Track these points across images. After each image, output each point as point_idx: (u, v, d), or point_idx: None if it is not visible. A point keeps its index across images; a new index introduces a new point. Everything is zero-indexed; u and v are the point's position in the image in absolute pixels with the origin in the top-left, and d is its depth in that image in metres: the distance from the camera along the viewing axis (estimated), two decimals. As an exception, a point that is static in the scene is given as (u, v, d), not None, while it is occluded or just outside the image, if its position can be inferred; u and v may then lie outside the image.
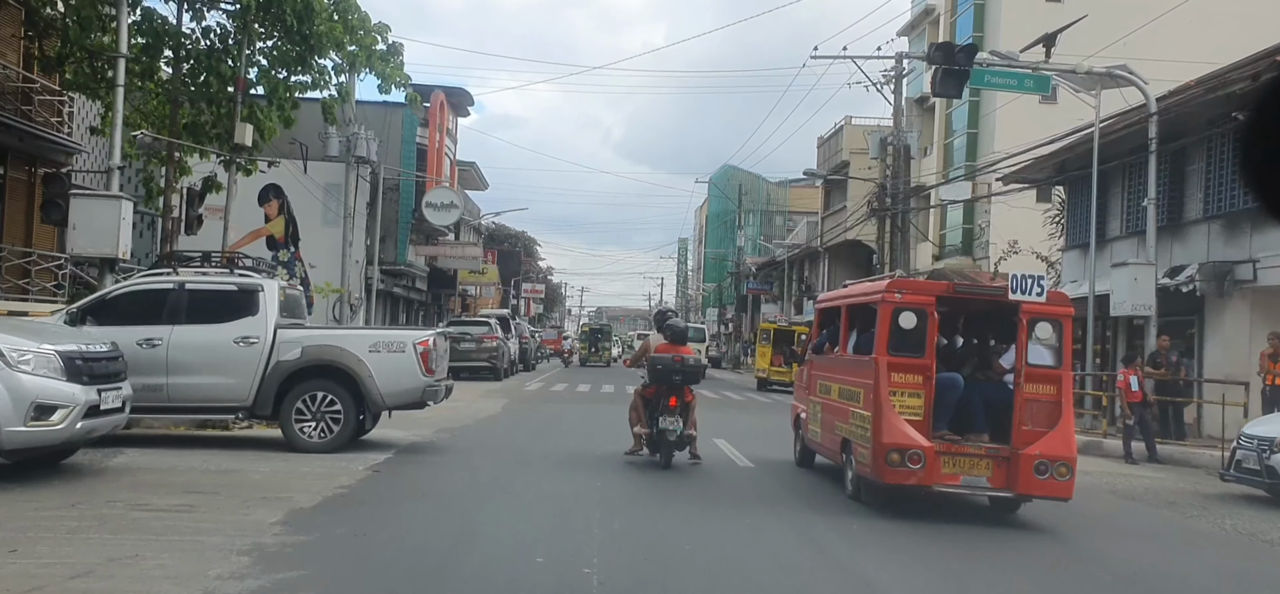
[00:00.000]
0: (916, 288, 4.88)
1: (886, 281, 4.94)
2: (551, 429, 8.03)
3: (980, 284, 5.17)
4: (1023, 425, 5.02)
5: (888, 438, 4.99)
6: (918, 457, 4.93)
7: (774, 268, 38.12)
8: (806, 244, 31.19)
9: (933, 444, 4.98)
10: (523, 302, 48.58)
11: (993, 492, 5.02)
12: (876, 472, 5.04)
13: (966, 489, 5.06)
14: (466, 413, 8.85)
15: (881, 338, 4.96)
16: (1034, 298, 4.97)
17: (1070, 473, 4.96)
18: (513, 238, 51.37)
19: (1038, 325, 5.02)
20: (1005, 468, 5.00)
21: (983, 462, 5.06)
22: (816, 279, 32.21)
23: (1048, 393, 5.09)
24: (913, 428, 5.01)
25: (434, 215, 21.10)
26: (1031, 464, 4.94)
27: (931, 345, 4.92)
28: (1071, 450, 4.98)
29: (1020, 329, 4.99)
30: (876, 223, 17.05)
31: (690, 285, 74.01)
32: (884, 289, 4.70)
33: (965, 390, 5.07)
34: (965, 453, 5.06)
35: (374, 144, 18.30)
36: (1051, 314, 5.02)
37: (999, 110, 16.24)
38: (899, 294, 4.87)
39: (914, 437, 4.98)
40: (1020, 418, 5.02)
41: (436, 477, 5.40)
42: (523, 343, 23.59)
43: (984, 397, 5.07)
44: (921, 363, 5.00)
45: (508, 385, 15.04)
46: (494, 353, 16.28)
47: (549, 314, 66.15)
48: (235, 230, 22.44)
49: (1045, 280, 4.58)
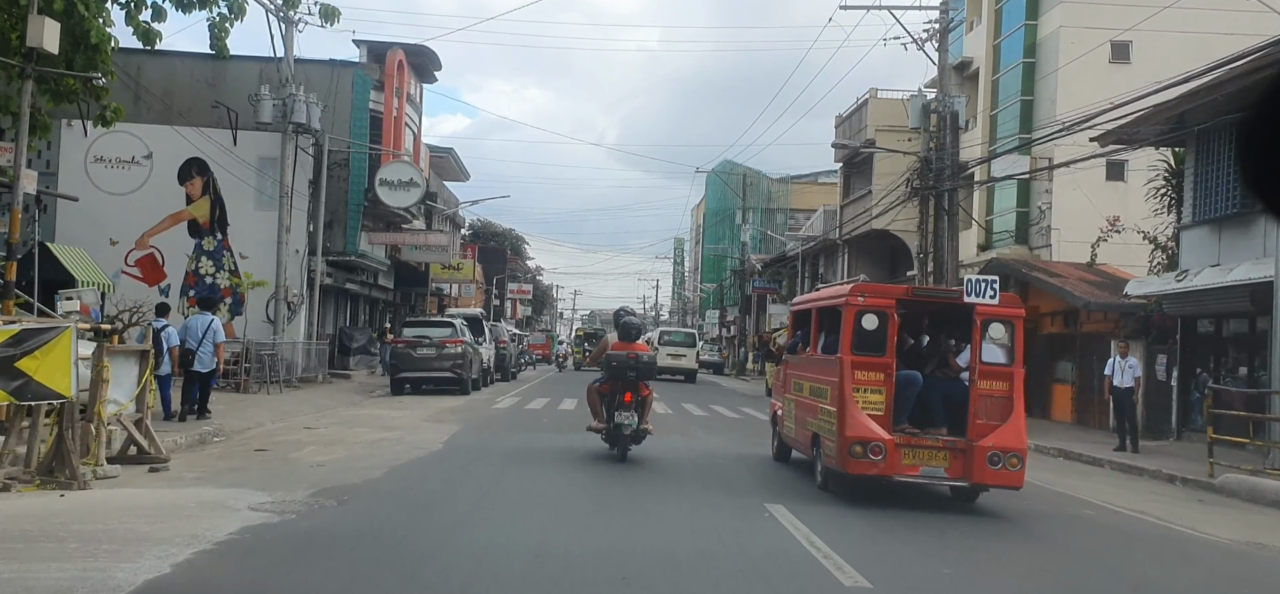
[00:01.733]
0: (878, 291, 6.97)
1: (850, 286, 7.09)
2: (502, 489, 6.79)
3: (938, 288, 7.77)
4: (977, 419, 6.94)
5: (851, 431, 6.92)
6: (879, 449, 6.83)
7: (783, 264, 41.80)
8: (823, 236, 34.15)
9: (893, 437, 6.88)
10: (509, 302, 52.33)
11: (949, 481, 6.97)
12: (841, 463, 6.96)
13: (925, 479, 6.97)
14: (387, 451, 8.18)
15: (846, 338, 6.82)
16: (987, 300, 6.87)
17: (1021, 463, 6.88)
18: (500, 235, 55.15)
19: (991, 326, 6.89)
20: (961, 459, 6.93)
21: (940, 453, 6.98)
22: (834, 275, 35.03)
23: (1000, 389, 7.02)
24: (875, 422, 6.90)
25: (390, 194, 22.31)
26: (985, 456, 6.88)
27: (892, 345, 6.71)
28: (1022, 443, 6.91)
29: (975, 330, 6.89)
30: (918, 205, 18.81)
31: (687, 286, 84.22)
32: (848, 292, 6.72)
33: (924, 387, 6.90)
34: (924, 445, 7.00)
35: (317, 110, 19.38)
36: (1004, 315, 6.95)
37: (1061, 70, 17.84)
38: (862, 297, 6.65)
39: (876, 430, 6.87)
40: (975, 412, 6.95)
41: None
42: (501, 348, 25.39)
43: (942, 392, 6.94)
44: (883, 361, 6.88)
45: (474, 401, 15.90)
46: (459, 360, 17.40)
47: (538, 317, 71.17)
48: (147, 213, 23.91)
49: (996, 283, 6.60)
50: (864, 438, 7.12)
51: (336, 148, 20.86)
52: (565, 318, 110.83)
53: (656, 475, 8.04)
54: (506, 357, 26.16)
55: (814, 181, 55.00)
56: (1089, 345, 16.32)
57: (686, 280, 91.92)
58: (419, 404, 14.78)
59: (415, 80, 26.28)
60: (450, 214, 36.36)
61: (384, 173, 22.35)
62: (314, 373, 19.13)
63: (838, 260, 33.97)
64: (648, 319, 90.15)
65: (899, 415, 7.17)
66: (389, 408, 13.72)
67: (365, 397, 16.28)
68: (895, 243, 27.62)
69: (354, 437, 9.48)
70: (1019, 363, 6.91)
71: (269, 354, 16.41)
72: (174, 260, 19.99)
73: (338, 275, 22.64)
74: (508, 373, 25.98)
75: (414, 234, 25.47)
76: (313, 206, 20.43)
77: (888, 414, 7.16)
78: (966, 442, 7.19)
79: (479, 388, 19.29)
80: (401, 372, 17.40)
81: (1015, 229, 20.15)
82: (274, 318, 19.35)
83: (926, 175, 18.47)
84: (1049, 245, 18.84)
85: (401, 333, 19.04)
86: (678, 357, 32.76)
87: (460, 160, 40.31)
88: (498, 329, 27.63)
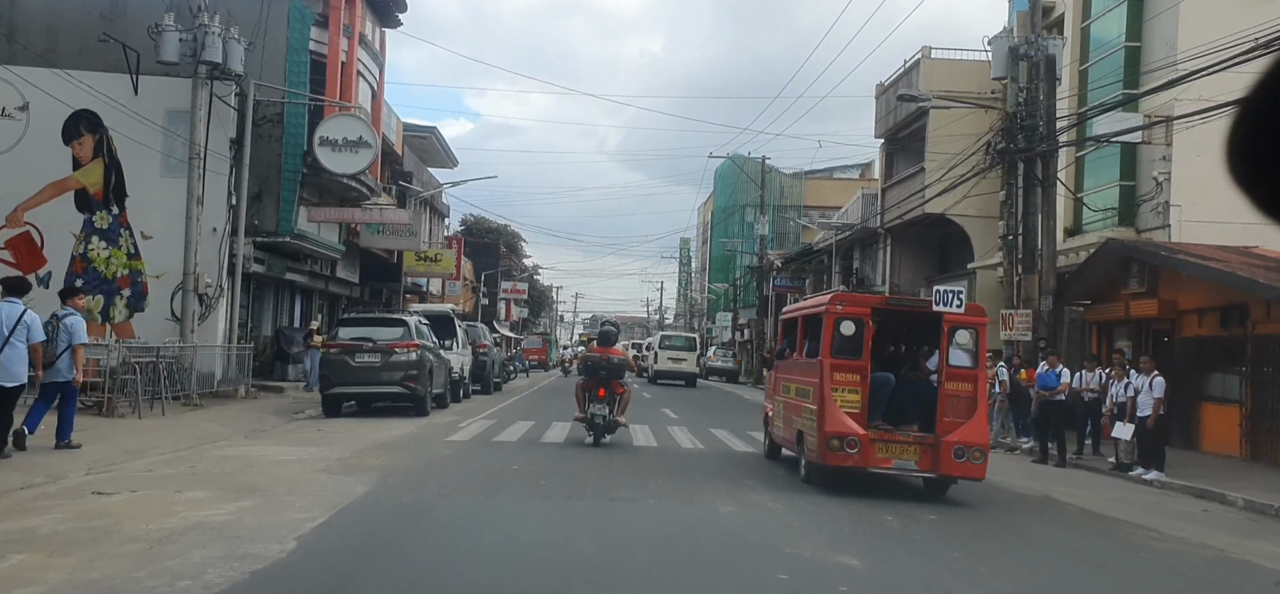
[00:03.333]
0: (855, 301, 12.49)
1: (830, 296, 13.11)
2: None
3: (909, 297, 14.71)
4: (944, 417, 11.72)
5: (830, 427, 11.73)
6: (855, 443, 11.65)
7: (808, 259, 52.08)
8: (861, 224, 41.48)
9: (868, 433, 11.67)
10: (501, 302, 70.50)
11: (919, 473, 11.72)
12: (821, 456, 11.77)
13: (898, 471, 11.75)
14: (161, 573, 6.46)
15: (825, 343, 11.62)
16: (954, 309, 11.60)
17: (984, 457, 11.63)
18: (494, 231, 75.44)
19: (957, 332, 11.63)
20: (930, 453, 11.71)
21: (911, 448, 11.80)
22: (872, 270, 42.47)
23: (965, 389, 11.85)
24: (851, 419, 11.71)
25: (332, 157, 25.24)
26: (951, 450, 11.63)
27: (867, 349, 11.46)
28: (985, 438, 11.71)
29: (943, 336, 11.67)
30: (1000, 175, 22.62)
31: (694, 286, 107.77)
32: (828, 302, 12.29)
33: (897, 387, 11.69)
34: (896, 440, 11.78)
35: (239, 48, 21.85)
36: (969, 323, 11.74)
37: (1182, 3, 20.74)
38: (840, 306, 11.45)
39: (852, 426, 11.70)
40: (942, 410, 11.72)
41: None
42: (480, 354, 30.74)
43: (913, 392, 11.78)
44: (859, 364, 11.72)
45: (429, 428, 18.05)
46: (412, 371, 19.99)
47: (535, 319, 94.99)
48: (23, 181, 26.27)
49: (963, 294, 12.66)
50: (841, 433, 12.03)
51: (268, 99, 23.91)
52: (565, 320, 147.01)
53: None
54: (487, 365, 31.49)
55: (829, 176, 65.86)
56: (1266, 352, 17.99)
57: (693, 281, 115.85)
58: (345, 433, 16.50)
59: (373, 21, 29.84)
60: (428, 198, 43.86)
61: (324, 129, 25.15)
62: (234, 385, 21.59)
63: (878, 252, 40.76)
64: (651, 323, 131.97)
65: (874, 413, 12.15)
66: (291, 442, 14.71)
67: (283, 420, 18.17)
68: (950, 229, 33.68)
69: (142, 523, 8.33)
70: (982, 366, 12.17)
71: (162, 361, 17.96)
72: (57, 241, 22.70)
73: (273, 263, 26.26)
74: (489, 384, 31.58)
75: (367, 211, 29.31)
76: (235, 173, 23.31)
77: (863, 412, 12.15)
78: (934, 437, 12.11)
79: (445, 405, 23.15)
80: (334, 386, 19.99)
81: (1118, 207, 23.65)
82: (181, 314, 21.82)
83: (1014, 137, 21.98)
84: (1166, 226, 21.79)
85: (336, 333, 21.16)
86: (678, 360, 44.49)
87: (445, 143, 49.00)
88: (476, 331, 32.67)
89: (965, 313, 12.87)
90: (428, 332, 22.30)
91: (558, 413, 23.33)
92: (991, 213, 29.08)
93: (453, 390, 24.89)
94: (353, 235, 32.37)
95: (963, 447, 12.52)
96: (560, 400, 26.53)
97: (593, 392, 16.91)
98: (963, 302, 12.65)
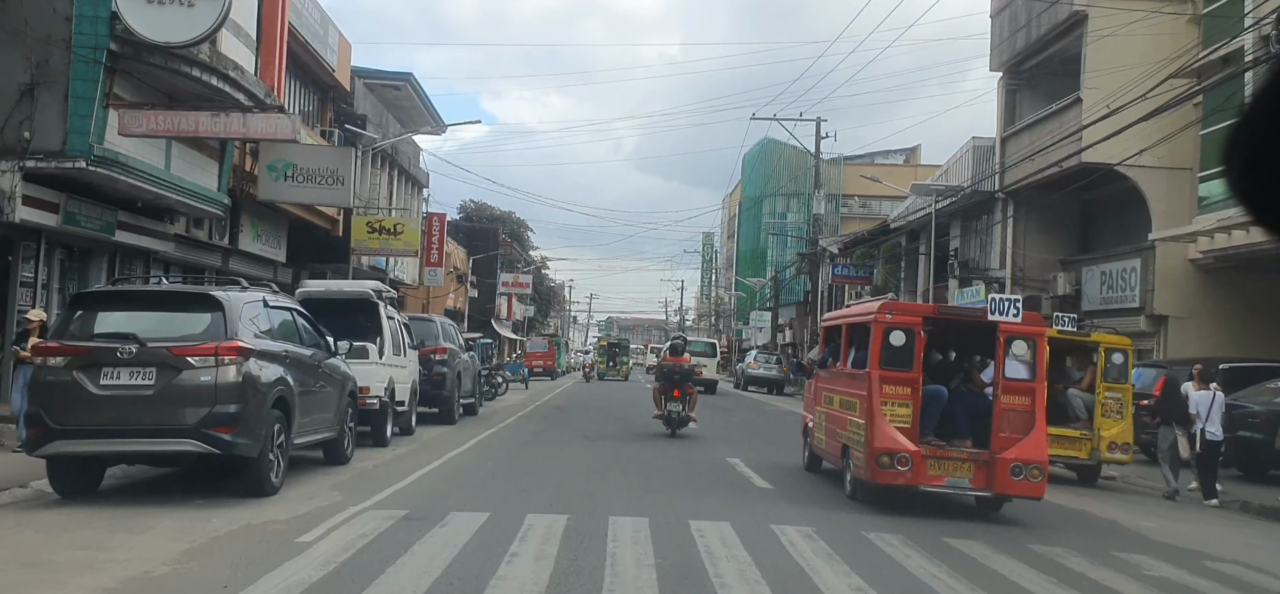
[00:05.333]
0: (906, 309, 12.98)
1: (879, 304, 12.67)
2: None
3: (963, 307, 13.66)
4: (1000, 432, 14.51)
5: (879, 443, 14.26)
6: (906, 460, 14.18)
7: (877, 241, 47.37)
8: (971, 187, 35.93)
9: (919, 449, 14.33)
10: (501, 298, 60.84)
11: (973, 492, 14.98)
12: (870, 473, 14.57)
13: (950, 489, 14.96)
14: None
15: (874, 353, 13.53)
16: (1011, 319, 12.32)
17: (1042, 475, 14.61)
18: (498, 219, 72.50)
19: (1014, 343, 13.73)
20: (985, 470, 14.39)
21: (965, 465, 14.57)
22: (981, 249, 36.92)
23: (1022, 404, 14.81)
24: (902, 434, 14.46)
25: (144, 15, 18.38)
26: (1007, 467, 14.16)
27: (919, 360, 12.58)
28: (1043, 455, 14.81)
29: (998, 347, 14.72)
30: None
31: (721, 283, 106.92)
32: (877, 310, 12.61)
33: (949, 401, 13.97)
34: (949, 457, 14.82)
35: None
36: (1026, 333, 14.18)
37: None
38: (890, 314, 12.88)
39: (903, 442, 14.30)
40: (998, 425, 14.60)
41: None
42: (438, 367, 24.37)
43: (966, 406, 13.72)
44: (909, 376, 15.20)
45: (236, 539, 10.42)
46: (222, 408, 12.03)
47: (543, 319, 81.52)
48: None
49: (1020, 302, 12.19)
50: (892, 449, 13.52)
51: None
52: (579, 322, 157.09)
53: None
54: (447, 379, 24.88)
55: (870, 161, 64.66)
56: None
57: (719, 278, 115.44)
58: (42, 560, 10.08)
59: None
60: (385, 149, 38.46)
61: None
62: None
63: (991, 226, 35.47)
64: (670, 325, 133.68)
65: (925, 428, 14.15)
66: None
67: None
68: (1106, 191, 30.05)
69: None
70: (1040, 378, 12.42)
71: None
72: None
73: (86, 213, 20.78)
74: (451, 407, 25.57)
75: (217, 119, 21.11)
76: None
77: (914, 426, 14.02)
78: (990, 454, 13.67)
79: (342, 456, 16.15)
80: (55, 437, 12.23)
81: None
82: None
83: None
84: None
85: (69, 326, 13.19)
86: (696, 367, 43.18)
87: (426, 97, 43.54)
88: (432, 329, 26.10)
89: (1023, 323, 13.56)
90: (294, 324, 14.62)
91: (581, 427, 24.76)
92: (1183, 163, 26.71)
93: (376, 424, 18.94)
94: (245, 182, 26.01)
95: (1020, 464, 12.87)
96: (583, 408, 25.31)
97: (669, 393, 23.53)
98: (1019, 310, 13.68)
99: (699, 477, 15.90)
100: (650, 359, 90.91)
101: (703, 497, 13.71)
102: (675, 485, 14.83)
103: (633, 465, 17.30)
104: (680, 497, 13.35)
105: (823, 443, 16.49)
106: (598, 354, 76.62)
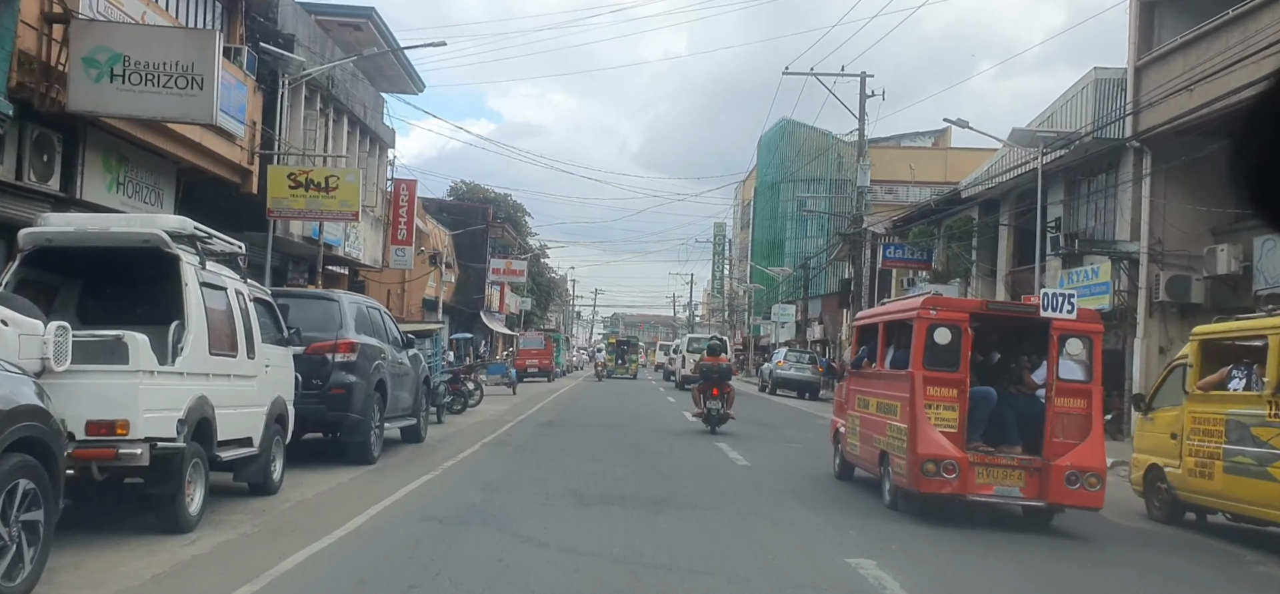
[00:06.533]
0: (951, 305, 12.03)
1: (922, 299, 11.59)
2: None
3: (1013, 302, 12.56)
4: (1054, 437, 13.20)
5: (924, 449, 13.03)
6: (952, 467, 12.92)
7: (945, 215, 41.74)
8: (1094, 129, 28.24)
9: (967, 455, 13.07)
10: (494, 288, 57.76)
11: (1025, 502, 13.60)
12: (913, 481, 13.33)
13: (1000, 498, 13.55)
14: None
15: (917, 353, 12.72)
16: (1065, 315, 11.33)
17: (1100, 483, 13.19)
18: (493, 201, 67.47)
19: (1068, 341, 13.88)
20: (1037, 479, 13.07)
21: (1015, 472, 13.23)
22: (1099, 215, 29.91)
23: (1078, 406, 13.57)
24: (948, 439, 13.19)
25: None
26: (1063, 475, 12.89)
27: (965, 360, 11.59)
28: (1101, 462, 13.41)
29: (1051, 345, 13.60)
30: None
31: (735, 274, 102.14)
32: (919, 306, 11.56)
33: (998, 404, 12.54)
34: (998, 464, 13.34)
35: None
36: (1082, 331, 13.43)
37: None
38: (934, 311, 11.79)
39: (949, 448, 13.06)
40: (1052, 430, 13.26)
41: None
42: (336, 368, 16.23)
43: (1016, 410, 12.66)
44: (956, 377, 13.84)
45: None
46: None
47: (542, 313, 79.62)
48: None
49: (1075, 298, 10.99)
50: (937, 456, 12.34)
51: None
52: (582, 317, 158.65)
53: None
54: (353, 395, 15.99)
55: (896, 145, 62.13)
56: None
57: (733, 269, 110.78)
58: None
59: None
60: (323, 87, 30.48)
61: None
62: None
63: (1115, 180, 28.59)
64: (678, 321, 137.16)
65: (972, 432, 13.31)
66: None
67: None
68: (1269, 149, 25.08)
69: None
70: (1097, 380, 11.31)
71: None
72: None
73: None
74: (364, 442, 16.28)
75: None
76: None
77: (961, 431, 12.75)
78: (1043, 461, 12.43)
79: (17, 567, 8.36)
80: None
81: None
82: None
83: None
84: None
85: None
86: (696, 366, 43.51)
87: (396, 42, 36.66)
88: (330, 313, 16.94)
89: (1078, 319, 12.45)
90: None
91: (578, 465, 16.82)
92: None
93: (156, 495, 10.25)
94: (47, 84, 18.02)
95: (1076, 472, 11.90)
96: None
97: (708, 391, 24.81)
98: (1074, 306, 12.53)
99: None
100: (659, 357, 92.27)
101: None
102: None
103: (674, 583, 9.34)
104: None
105: (857, 449, 15.35)
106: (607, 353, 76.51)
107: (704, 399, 25.40)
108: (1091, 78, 28.24)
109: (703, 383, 25.83)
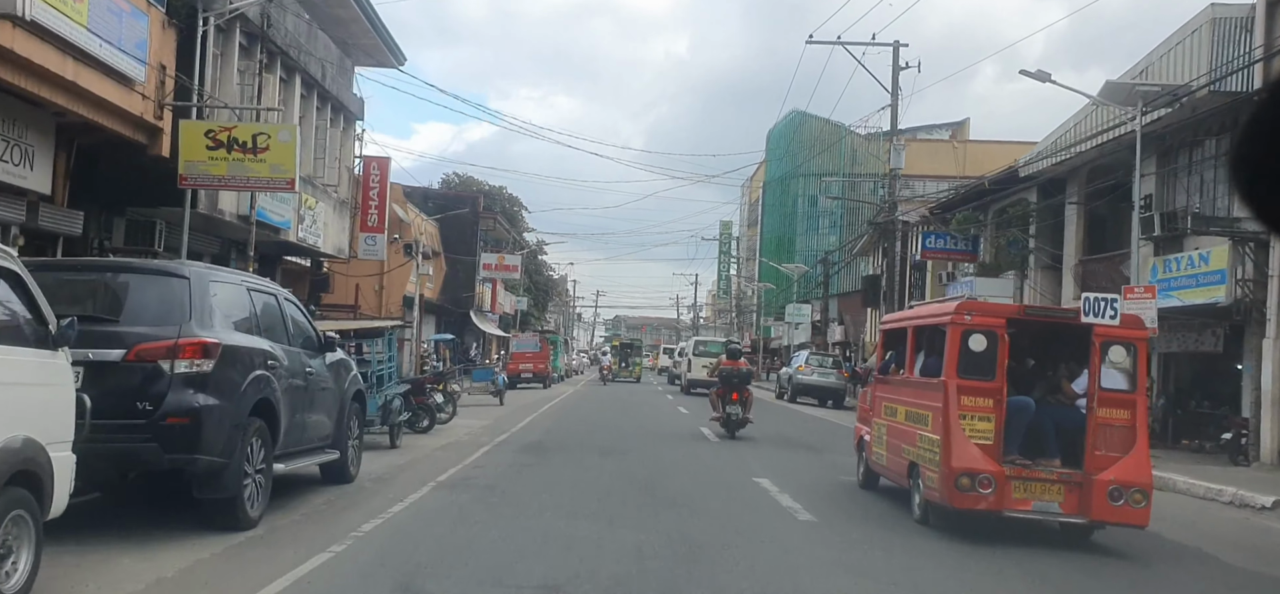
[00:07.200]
0: (986, 310, 11.20)
1: (955, 303, 10.84)
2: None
3: (1052, 308, 11.81)
4: (1096, 450, 12.33)
5: (958, 462, 12.13)
6: (988, 481, 12.02)
7: (995, 198, 37.44)
8: (1212, 80, 23.40)
9: (1003, 469, 12.17)
10: (483, 284, 54.97)
11: (1065, 518, 12.58)
12: (946, 496, 12.41)
13: (1038, 514, 12.54)
14: None
15: (950, 360, 12.15)
16: (1107, 321, 10.72)
17: (1146, 499, 12.24)
18: (486, 194, 60.00)
19: (1111, 349, 13.02)
20: (1078, 493, 12.16)
21: (1054, 487, 12.32)
22: (1191, 193, 25.77)
23: (1122, 417, 12.55)
24: (983, 452, 12.23)
25: None
26: (1105, 490, 11.96)
27: (1002, 368, 10.96)
28: (1147, 476, 12.49)
29: (1093, 352, 12.80)
30: None
31: (743, 273, 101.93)
32: (953, 311, 10.74)
33: (1036, 414, 11.16)
34: (1037, 478, 12.46)
35: None
36: (1126, 337, 13.04)
37: None
38: (969, 316, 10.93)
39: (985, 461, 12.14)
40: (1093, 443, 12.40)
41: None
42: (178, 382, 10.44)
43: (1055, 421, 12.08)
44: (992, 386, 12.81)
45: None
46: None
47: (541, 313, 78.42)
48: None
49: (1118, 303, 10.33)
50: (972, 469, 11.50)
51: None
52: (584, 319, 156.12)
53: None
54: (203, 425, 9.97)
55: (912, 137, 60.11)
56: None
57: (741, 267, 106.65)
58: None
59: None
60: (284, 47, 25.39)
61: None
62: None
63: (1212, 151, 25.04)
64: (682, 323, 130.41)
65: (1009, 445, 12.33)
66: None
67: None
68: None
69: None
70: (1141, 389, 10.58)
71: None
72: None
73: None
74: (231, 499, 10.76)
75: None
76: None
77: (997, 443, 11.88)
78: (1084, 475, 11.63)
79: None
80: None
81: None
82: None
83: None
84: None
85: None
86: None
87: (369, 7, 32.27)
88: (169, 293, 10.99)
89: (1121, 325, 11.78)
90: None
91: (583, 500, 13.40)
92: None
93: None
94: None
95: (1119, 487, 11.20)
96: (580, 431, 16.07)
97: (727, 396, 24.73)
98: (1117, 311, 11.81)
99: None
100: (664, 360, 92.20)
101: None
102: None
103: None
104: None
105: (883, 459, 14.63)
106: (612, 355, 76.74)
107: (723, 404, 25.40)
108: (1207, 16, 23.83)
109: (722, 387, 25.64)
